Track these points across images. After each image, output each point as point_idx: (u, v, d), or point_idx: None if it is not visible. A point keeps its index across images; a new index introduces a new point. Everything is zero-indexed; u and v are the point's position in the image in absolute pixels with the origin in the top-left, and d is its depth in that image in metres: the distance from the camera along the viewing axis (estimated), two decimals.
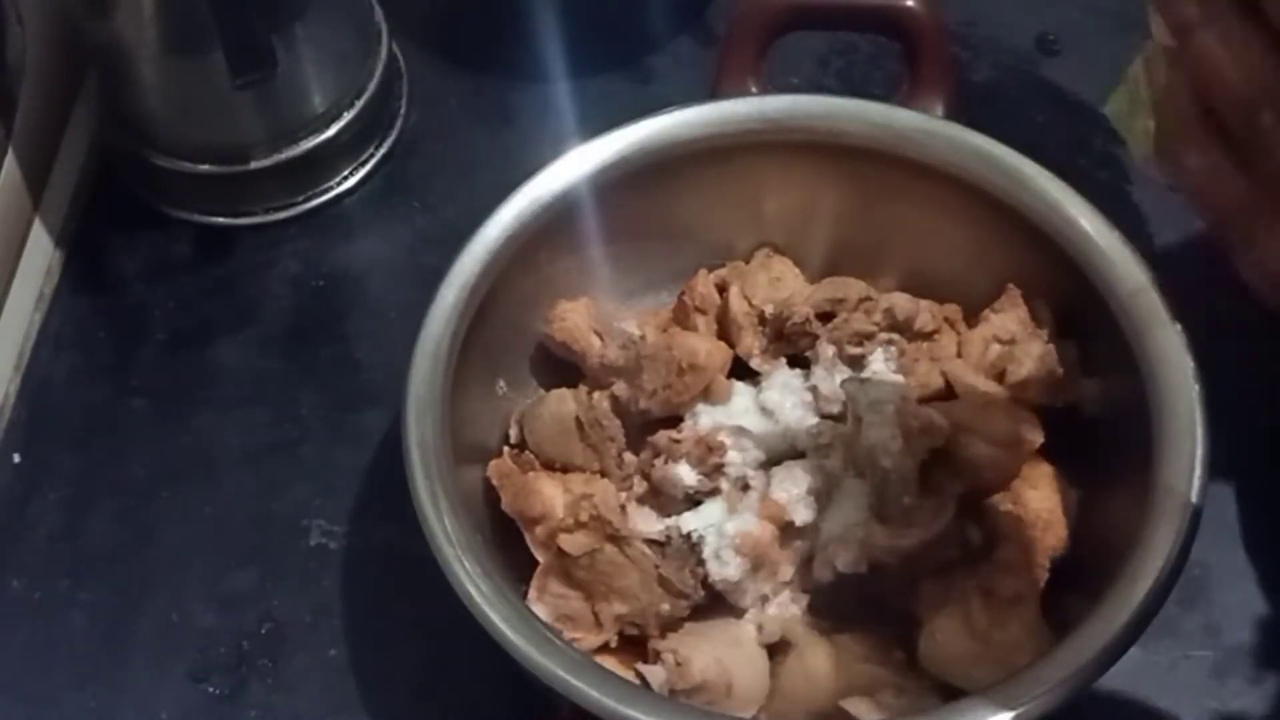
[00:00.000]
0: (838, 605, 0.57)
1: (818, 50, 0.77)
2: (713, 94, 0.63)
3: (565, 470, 0.60)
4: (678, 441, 0.59)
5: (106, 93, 0.75)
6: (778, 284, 0.63)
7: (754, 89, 0.63)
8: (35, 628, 0.63)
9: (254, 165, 0.73)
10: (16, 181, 0.71)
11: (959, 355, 0.61)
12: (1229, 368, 0.61)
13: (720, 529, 0.56)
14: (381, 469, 0.66)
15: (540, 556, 0.58)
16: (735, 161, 0.63)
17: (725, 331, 0.63)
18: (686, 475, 0.58)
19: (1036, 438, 0.57)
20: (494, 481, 0.59)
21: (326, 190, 0.76)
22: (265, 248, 0.74)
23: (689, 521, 0.57)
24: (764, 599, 0.57)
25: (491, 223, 0.59)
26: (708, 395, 0.60)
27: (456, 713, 0.60)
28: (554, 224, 0.60)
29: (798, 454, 0.59)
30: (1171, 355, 0.54)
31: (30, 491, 0.67)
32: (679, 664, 0.53)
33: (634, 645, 0.56)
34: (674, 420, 0.60)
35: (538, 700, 0.52)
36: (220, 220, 0.75)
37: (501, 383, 0.63)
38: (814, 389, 0.60)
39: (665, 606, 0.56)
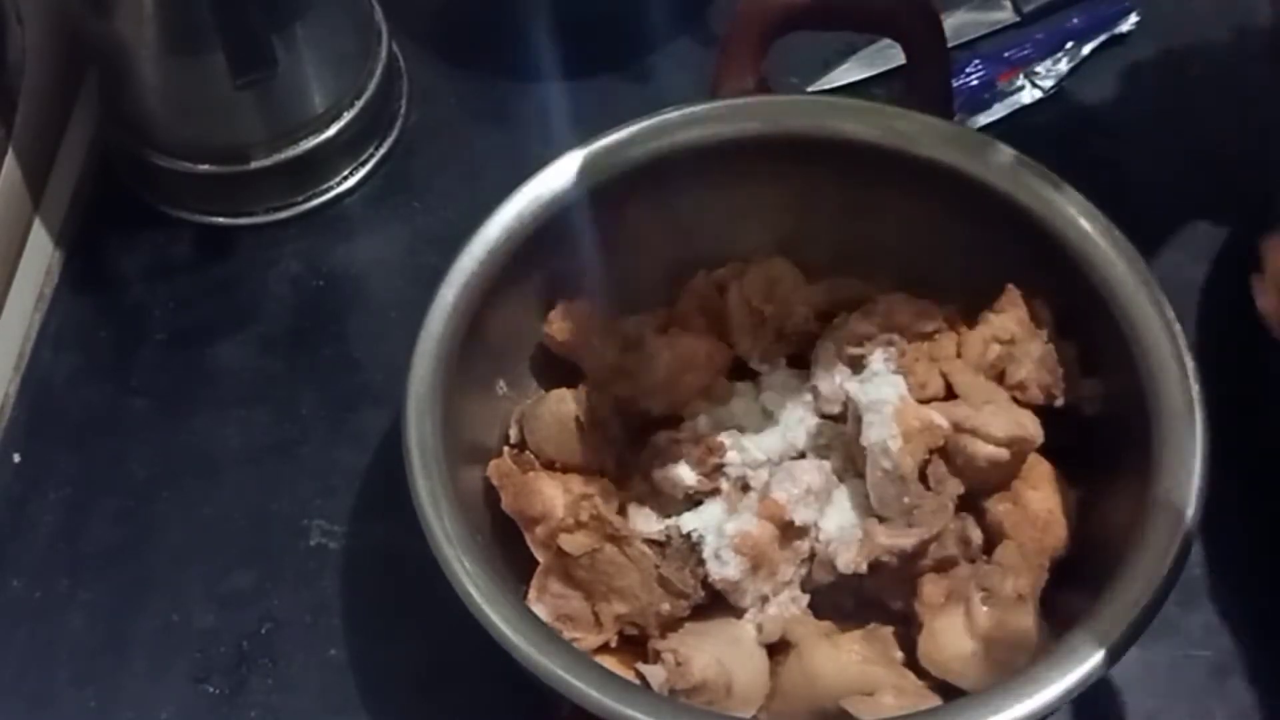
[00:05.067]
0: (838, 605, 0.57)
1: (818, 50, 0.77)
2: (713, 94, 0.63)
3: (565, 470, 0.60)
4: (678, 441, 0.59)
5: (106, 93, 0.75)
6: (778, 284, 0.63)
7: (754, 89, 0.63)
8: (35, 628, 0.63)
9: (254, 165, 0.73)
10: (17, 181, 0.71)
11: (959, 355, 0.61)
12: (1229, 367, 0.62)
13: (720, 529, 0.56)
14: (381, 469, 0.66)
15: (540, 556, 0.58)
16: (735, 161, 0.63)
17: (725, 331, 0.63)
18: (686, 475, 0.58)
19: (1036, 438, 0.57)
20: (494, 481, 0.59)
21: (326, 190, 0.76)
22: (265, 248, 0.74)
23: (689, 521, 0.57)
24: (764, 599, 0.57)
25: (491, 223, 0.59)
26: (708, 395, 0.60)
27: (456, 713, 0.60)
28: (554, 224, 0.60)
29: (798, 454, 0.59)
30: (1171, 356, 0.54)
31: (30, 491, 0.67)
32: (679, 663, 0.53)
33: (634, 645, 0.56)
34: (674, 420, 0.60)
35: (538, 700, 0.52)
36: (220, 220, 0.75)
37: (501, 383, 0.63)
38: (814, 389, 0.60)
39: (665, 606, 0.56)
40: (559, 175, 0.60)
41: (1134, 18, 0.78)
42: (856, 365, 0.60)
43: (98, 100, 0.76)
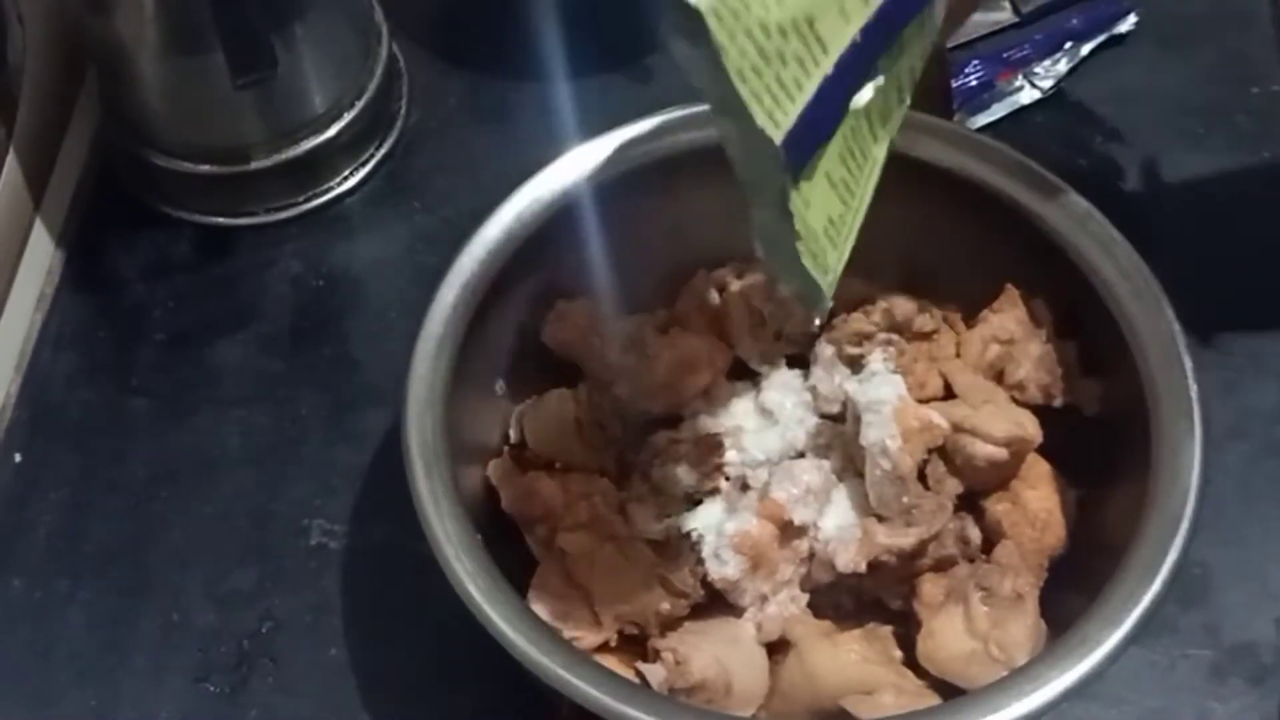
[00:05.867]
0: (837, 604, 0.58)
1: None
2: None
3: (565, 470, 0.60)
4: (678, 441, 0.59)
5: (107, 93, 0.75)
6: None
7: None
8: (36, 627, 0.63)
9: (254, 165, 0.73)
10: (17, 182, 0.71)
11: (958, 355, 0.61)
12: (1227, 366, 0.62)
13: (719, 528, 0.56)
14: (381, 469, 0.66)
15: (540, 556, 0.58)
16: None
17: (725, 331, 0.63)
18: (686, 475, 0.58)
19: (1036, 437, 0.58)
20: (494, 481, 0.59)
21: (327, 190, 0.76)
22: (265, 248, 0.74)
23: (689, 521, 0.57)
24: (763, 598, 0.57)
25: (491, 223, 0.59)
26: (708, 395, 0.60)
27: (456, 713, 0.61)
28: (554, 224, 0.60)
29: (797, 454, 0.59)
30: (1171, 355, 0.55)
31: (31, 491, 0.67)
32: (678, 663, 0.53)
33: (634, 644, 0.57)
34: (674, 420, 0.60)
35: (538, 700, 0.52)
36: (220, 220, 0.75)
37: (501, 383, 0.63)
38: (813, 389, 0.60)
39: (665, 606, 0.56)
40: (559, 175, 0.61)
41: (1133, 18, 0.78)
42: (856, 365, 0.61)
43: (98, 100, 0.76)
